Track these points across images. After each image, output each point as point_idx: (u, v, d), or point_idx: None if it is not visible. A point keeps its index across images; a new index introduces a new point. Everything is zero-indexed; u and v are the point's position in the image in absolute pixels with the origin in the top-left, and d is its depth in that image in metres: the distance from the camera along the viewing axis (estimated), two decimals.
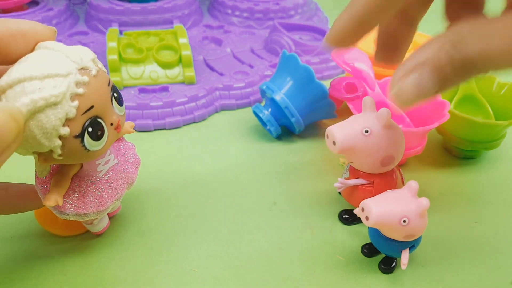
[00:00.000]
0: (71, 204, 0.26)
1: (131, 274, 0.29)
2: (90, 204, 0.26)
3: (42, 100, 0.20)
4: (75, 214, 0.26)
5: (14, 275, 0.28)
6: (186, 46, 0.47)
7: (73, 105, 0.21)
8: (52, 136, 0.21)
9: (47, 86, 0.21)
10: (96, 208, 0.26)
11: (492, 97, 0.42)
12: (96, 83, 0.23)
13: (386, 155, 0.29)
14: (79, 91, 0.22)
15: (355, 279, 0.29)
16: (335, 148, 0.29)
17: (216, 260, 0.30)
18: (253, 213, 0.34)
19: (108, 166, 0.28)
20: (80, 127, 0.22)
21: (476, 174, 0.39)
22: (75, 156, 0.23)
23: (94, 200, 0.27)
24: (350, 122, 0.29)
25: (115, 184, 0.28)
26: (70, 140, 0.22)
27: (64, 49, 0.22)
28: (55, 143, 0.22)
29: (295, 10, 0.63)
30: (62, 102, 0.21)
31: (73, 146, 0.22)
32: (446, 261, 0.30)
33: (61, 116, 0.21)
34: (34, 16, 0.56)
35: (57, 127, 0.21)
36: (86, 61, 0.22)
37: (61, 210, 0.26)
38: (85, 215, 0.26)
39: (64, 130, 0.21)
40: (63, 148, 0.22)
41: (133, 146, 0.31)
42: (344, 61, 0.38)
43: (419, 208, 0.25)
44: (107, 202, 0.27)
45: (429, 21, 0.39)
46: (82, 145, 0.23)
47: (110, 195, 0.27)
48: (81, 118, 0.22)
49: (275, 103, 0.41)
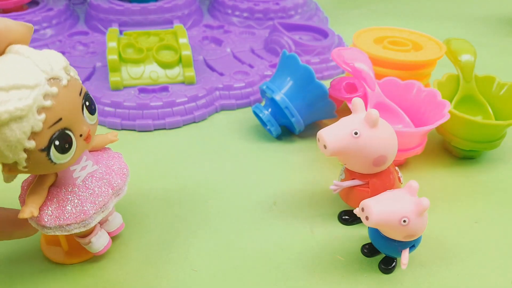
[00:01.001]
0: (50, 216, 0.24)
1: (131, 274, 0.29)
2: (70, 214, 0.25)
3: (6, 114, 0.19)
4: (57, 226, 0.24)
5: (14, 275, 0.28)
6: (186, 46, 0.47)
7: (39, 119, 0.20)
8: (16, 149, 0.20)
9: (12, 98, 0.19)
10: (77, 217, 0.25)
11: (492, 97, 0.42)
12: (66, 94, 0.21)
13: (378, 156, 0.29)
14: (46, 103, 0.20)
15: (355, 279, 0.29)
16: (326, 151, 0.29)
17: (216, 260, 0.30)
18: (253, 213, 0.34)
19: (86, 172, 0.26)
20: (46, 140, 0.21)
21: (476, 174, 0.39)
22: (40, 168, 0.22)
23: (75, 209, 0.25)
24: (339, 124, 0.29)
25: (96, 191, 0.26)
26: (35, 153, 0.21)
27: (35, 55, 0.21)
28: (19, 155, 0.21)
29: (295, 10, 0.63)
30: (28, 115, 0.20)
31: (39, 159, 0.21)
32: (446, 261, 0.30)
33: (26, 129, 0.20)
34: (34, 16, 0.56)
35: (22, 140, 0.20)
36: (56, 70, 0.21)
37: (41, 223, 0.24)
38: (67, 226, 0.25)
39: (29, 144, 0.20)
40: (28, 160, 0.21)
41: (119, 155, 0.29)
42: (344, 61, 0.38)
43: (419, 208, 0.25)
44: (89, 211, 0.25)
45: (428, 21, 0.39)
46: (48, 158, 0.22)
47: (91, 203, 0.25)
48: (48, 131, 0.21)
49: (275, 103, 0.41)
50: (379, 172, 0.31)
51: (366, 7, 0.78)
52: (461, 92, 0.42)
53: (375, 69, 0.41)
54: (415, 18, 0.74)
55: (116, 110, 0.44)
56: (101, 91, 0.45)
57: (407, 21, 0.72)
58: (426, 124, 0.37)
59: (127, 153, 0.40)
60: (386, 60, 0.42)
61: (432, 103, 0.38)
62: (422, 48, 0.44)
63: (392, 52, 0.43)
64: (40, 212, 0.25)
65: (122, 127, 0.44)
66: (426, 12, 0.77)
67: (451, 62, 0.43)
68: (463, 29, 0.70)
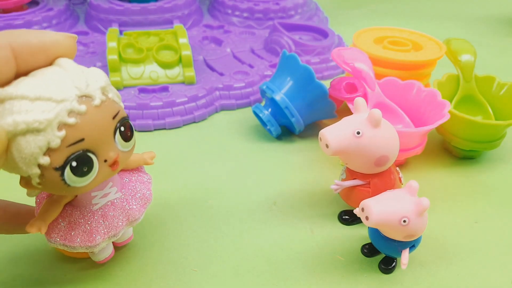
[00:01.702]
0: (57, 233, 0.24)
1: (131, 274, 0.29)
2: (77, 237, 0.24)
3: (24, 124, 0.19)
4: (61, 244, 0.24)
5: (15, 276, 0.28)
6: (186, 46, 0.47)
7: (58, 135, 0.19)
8: (30, 163, 0.19)
9: (35, 109, 0.19)
10: (83, 243, 0.24)
11: (492, 97, 0.42)
12: (95, 114, 0.20)
13: (380, 156, 0.29)
14: (69, 121, 0.19)
15: (355, 279, 0.29)
16: (328, 151, 0.29)
17: (216, 260, 0.30)
18: (253, 213, 0.34)
19: (107, 199, 0.25)
20: (62, 159, 0.20)
21: (476, 174, 0.39)
22: (54, 188, 0.21)
23: (83, 234, 0.24)
24: (342, 124, 0.29)
25: (110, 221, 0.25)
26: (49, 170, 0.20)
27: (75, 70, 0.20)
28: (32, 170, 0.20)
29: (295, 10, 0.63)
30: (46, 129, 0.19)
31: (52, 178, 0.20)
32: (446, 261, 0.30)
33: (42, 144, 0.19)
34: (34, 16, 0.56)
35: (36, 155, 0.19)
36: (92, 88, 0.20)
37: (47, 237, 0.24)
38: (72, 247, 0.24)
39: (43, 160, 0.19)
40: (41, 177, 0.20)
41: (149, 180, 0.28)
42: (344, 61, 0.38)
43: (419, 208, 0.25)
44: (96, 239, 0.24)
45: (428, 21, 0.39)
46: (62, 179, 0.20)
47: (100, 232, 0.24)
48: (65, 150, 0.20)
49: (275, 103, 0.41)
50: (380, 172, 0.31)
51: (366, 7, 0.78)
52: (461, 92, 0.42)
53: (375, 69, 0.41)
54: (415, 18, 0.74)
55: None
56: None
57: (407, 21, 0.72)
58: (426, 124, 0.37)
59: None
60: (386, 60, 0.42)
61: (432, 103, 0.38)
62: (422, 48, 0.44)
63: (392, 52, 0.43)
64: (49, 227, 0.24)
65: None
66: (426, 12, 0.77)
67: (451, 62, 0.43)
68: (463, 29, 0.70)
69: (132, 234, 0.29)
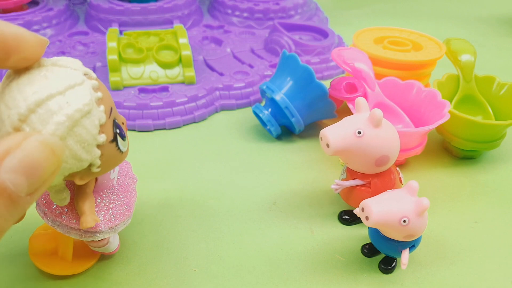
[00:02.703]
0: (102, 221, 0.25)
1: (131, 274, 0.29)
2: (119, 213, 0.26)
3: (78, 112, 0.19)
4: (109, 228, 0.25)
5: (15, 276, 0.28)
6: (186, 46, 0.47)
7: (101, 110, 0.20)
8: (91, 147, 0.20)
9: (72, 98, 0.19)
10: (126, 215, 0.26)
11: (492, 97, 0.42)
12: (102, 85, 0.21)
13: (381, 156, 0.29)
14: (99, 95, 0.20)
15: (355, 279, 0.29)
16: (329, 150, 0.29)
17: (216, 260, 0.30)
18: (253, 213, 0.34)
19: (116, 172, 0.27)
20: (111, 130, 0.21)
21: (476, 174, 0.39)
22: (111, 162, 0.22)
23: (121, 208, 0.26)
24: (343, 124, 0.29)
25: (128, 187, 0.28)
26: (107, 146, 0.21)
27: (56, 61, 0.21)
28: (94, 154, 0.20)
29: (295, 10, 0.63)
30: (93, 109, 0.20)
31: (111, 152, 0.21)
32: (446, 261, 0.30)
33: (97, 123, 0.20)
34: (34, 16, 0.56)
35: (95, 136, 0.20)
36: (82, 67, 0.21)
37: (95, 230, 0.25)
38: (117, 226, 0.26)
39: (101, 138, 0.20)
40: (102, 157, 0.21)
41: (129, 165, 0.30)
42: (344, 61, 0.38)
43: (419, 208, 0.25)
44: (131, 207, 0.27)
45: (428, 21, 0.39)
46: (117, 148, 0.22)
47: (130, 199, 0.27)
48: (109, 121, 0.21)
49: (275, 103, 0.41)
50: (381, 172, 0.31)
51: (366, 7, 0.78)
52: (461, 92, 0.42)
53: (375, 69, 0.41)
54: (415, 18, 0.74)
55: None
56: None
57: (407, 21, 0.72)
58: (426, 124, 0.37)
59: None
60: (386, 60, 0.42)
61: (432, 103, 0.38)
62: (422, 48, 0.44)
63: (392, 52, 0.43)
64: None
65: None
66: (426, 12, 0.77)
67: (451, 62, 0.43)
68: (463, 29, 0.70)
69: (119, 242, 0.30)
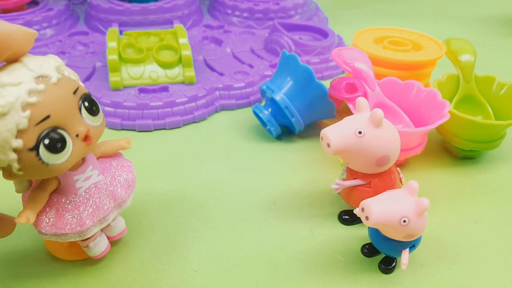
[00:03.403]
0: (47, 223, 0.24)
1: (131, 274, 0.29)
2: (67, 224, 0.25)
3: None
4: (53, 234, 0.25)
5: (15, 276, 0.28)
6: (186, 46, 0.47)
7: (23, 115, 0.20)
8: (5, 149, 0.20)
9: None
10: (74, 229, 0.25)
11: (492, 97, 0.42)
12: (55, 91, 0.21)
13: (382, 155, 0.29)
14: (31, 100, 0.20)
15: (355, 279, 0.29)
16: (330, 150, 0.29)
17: (216, 260, 0.30)
18: (253, 213, 0.34)
19: (90, 182, 0.26)
20: (34, 139, 0.21)
21: (476, 174, 0.39)
22: (35, 171, 0.22)
23: (72, 219, 0.25)
24: (343, 123, 0.29)
25: (97, 203, 0.26)
26: (25, 153, 0.21)
27: (28, 59, 0.21)
28: (9, 156, 0.20)
29: (295, 10, 0.63)
30: (10, 112, 0.20)
31: (29, 160, 0.21)
32: (446, 261, 0.30)
33: (11, 127, 0.20)
34: (34, 16, 0.56)
35: (8, 139, 0.20)
36: (46, 68, 0.21)
37: (37, 229, 0.24)
38: (63, 235, 0.25)
39: (16, 143, 0.20)
40: (20, 162, 0.21)
41: (129, 164, 0.28)
42: (344, 61, 0.38)
43: (419, 208, 0.25)
44: (86, 223, 0.25)
45: (428, 21, 0.39)
46: (39, 159, 0.21)
47: (90, 215, 0.25)
48: (35, 129, 0.21)
49: (275, 103, 0.41)
50: (381, 172, 0.31)
51: (366, 7, 0.78)
52: (461, 92, 0.42)
53: (375, 69, 0.41)
54: (415, 18, 0.74)
55: (116, 110, 0.44)
56: (101, 91, 0.45)
57: (407, 21, 0.72)
58: (426, 124, 0.37)
59: (127, 153, 0.40)
60: (386, 60, 0.42)
61: (432, 103, 0.38)
62: (422, 48, 0.44)
63: (392, 52, 0.43)
64: (38, 217, 0.25)
65: (122, 127, 0.44)
66: (426, 12, 0.77)
67: (451, 62, 0.43)
68: (463, 29, 0.70)
69: (125, 227, 0.29)
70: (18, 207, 0.26)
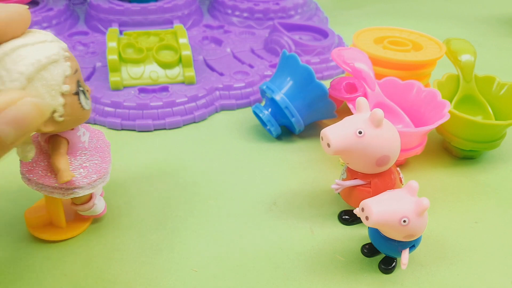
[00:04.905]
0: (79, 177, 0.27)
1: (131, 274, 0.29)
2: (95, 170, 0.28)
3: (46, 59, 0.22)
4: (87, 184, 0.27)
5: (14, 276, 0.28)
6: (186, 46, 0.47)
7: (67, 64, 0.24)
8: (56, 93, 0.23)
9: (41, 49, 0.22)
10: (102, 172, 0.28)
11: (492, 97, 0.42)
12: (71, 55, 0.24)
13: (382, 155, 0.29)
14: (67, 54, 0.24)
15: (355, 279, 0.29)
16: (330, 150, 0.29)
17: (216, 260, 0.30)
18: (253, 213, 0.34)
19: (86, 136, 0.29)
20: (75, 85, 0.24)
21: (476, 174, 0.39)
22: (74, 115, 0.25)
23: (96, 166, 0.28)
24: (343, 123, 0.29)
25: (102, 149, 0.30)
26: (70, 97, 0.24)
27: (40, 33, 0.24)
28: (58, 100, 0.23)
29: (295, 10, 0.63)
30: (59, 60, 0.23)
31: (72, 103, 0.24)
32: (446, 261, 0.30)
33: (62, 72, 0.23)
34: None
35: (60, 83, 0.23)
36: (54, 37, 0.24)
37: (74, 185, 0.27)
38: (94, 182, 0.28)
39: (65, 87, 0.23)
40: (65, 106, 0.24)
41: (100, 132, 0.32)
42: (344, 61, 0.38)
43: (419, 208, 0.25)
44: (107, 166, 0.29)
45: (428, 21, 0.39)
46: (79, 103, 0.25)
47: (104, 159, 0.29)
48: (74, 77, 0.24)
49: (275, 103, 0.41)
50: (381, 172, 0.31)
51: (366, 7, 0.78)
52: (461, 92, 0.42)
53: (375, 69, 0.41)
54: (415, 18, 0.74)
55: (116, 110, 0.44)
56: (101, 91, 0.45)
57: (407, 21, 0.72)
58: (426, 124, 0.37)
59: (127, 153, 0.40)
60: (386, 60, 0.42)
61: (432, 103, 0.38)
62: (422, 48, 0.44)
63: (392, 52, 0.43)
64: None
65: (122, 127, 0.44)
66: (426, 12, 0.77)
67: (451, 62, 0.43)
68: (463, 29, 0.70)
69: (106, 204, 0.32)
70: None
